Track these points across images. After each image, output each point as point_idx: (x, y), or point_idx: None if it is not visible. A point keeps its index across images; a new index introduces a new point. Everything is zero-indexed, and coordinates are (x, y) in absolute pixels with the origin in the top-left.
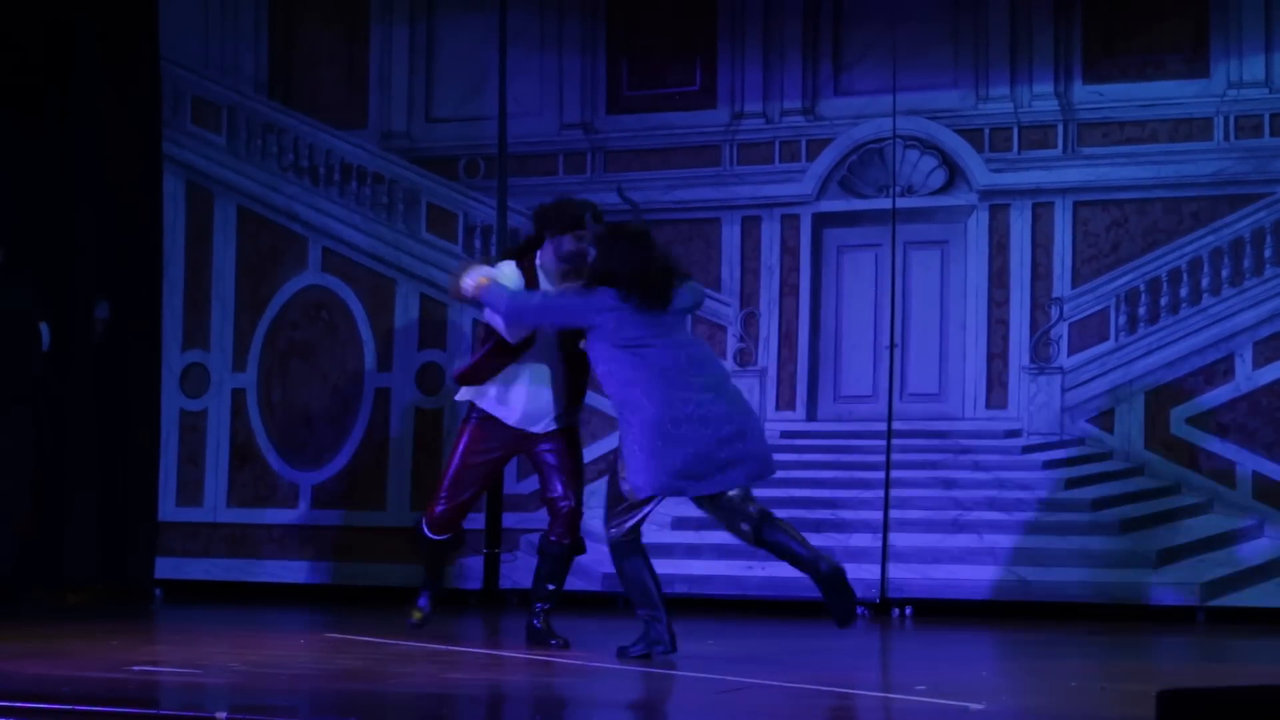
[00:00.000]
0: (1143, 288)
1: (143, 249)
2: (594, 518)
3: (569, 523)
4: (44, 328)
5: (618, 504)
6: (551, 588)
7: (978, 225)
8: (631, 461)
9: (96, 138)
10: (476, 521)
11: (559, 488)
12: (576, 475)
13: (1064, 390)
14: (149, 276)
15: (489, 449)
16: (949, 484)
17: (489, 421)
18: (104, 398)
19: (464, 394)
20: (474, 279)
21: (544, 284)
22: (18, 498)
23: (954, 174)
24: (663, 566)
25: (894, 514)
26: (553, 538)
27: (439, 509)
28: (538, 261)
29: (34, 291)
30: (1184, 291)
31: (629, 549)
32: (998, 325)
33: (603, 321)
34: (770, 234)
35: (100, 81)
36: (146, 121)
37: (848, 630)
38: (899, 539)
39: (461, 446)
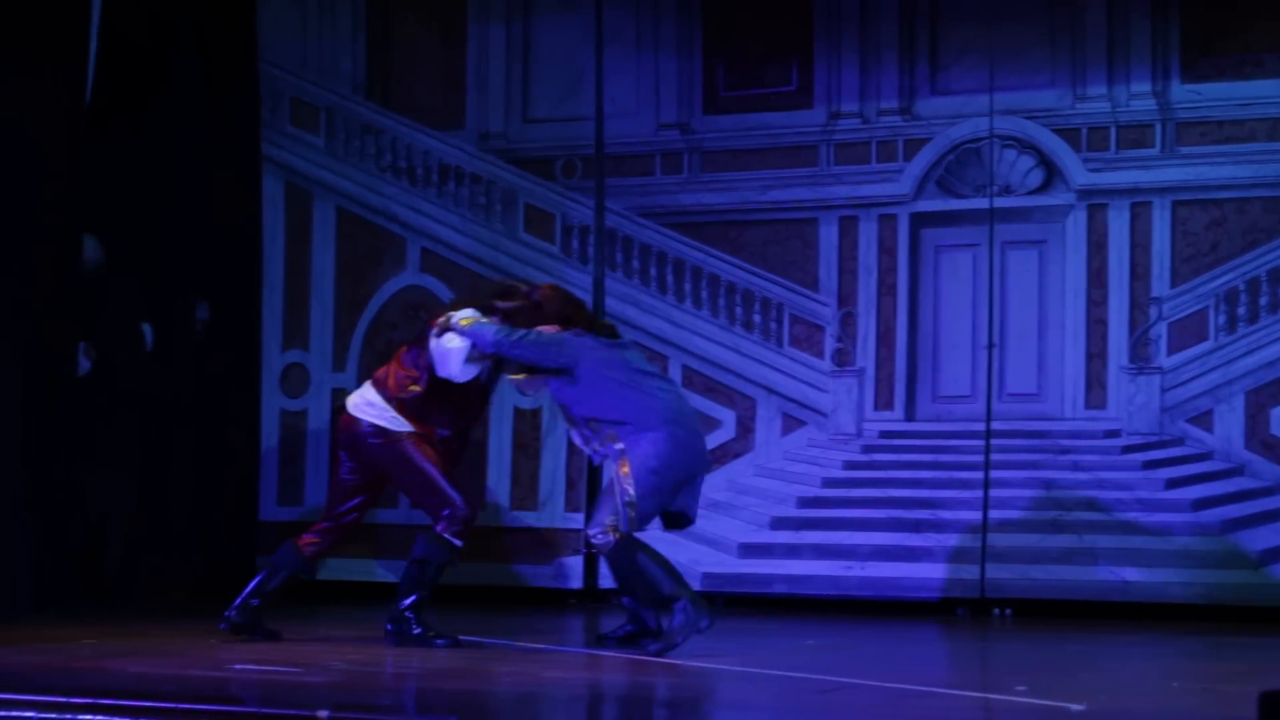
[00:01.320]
0: (1242, 287)
1: (243, 250)
2: None
3: None
4: (146, 329)
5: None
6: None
7: (1075, 225)
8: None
9: (197, 140)
10: (576, 521)
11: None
12: None
13: (1163, 390)
14: (249, 277)
15: None
16: (1048, 484)
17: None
18: (204, 398)
19: (383, 419)
20: (457, 318)
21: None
22: (123, 498)
23: (1051, 173)
24: (762, 566)
25: (993, 514)
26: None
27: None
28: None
29: (136, 292)
30: None
31: (638, 541)
32: (1096, 325)
33: (591, 352)
34: (868, 234)
35: (201, 84)
36: (246, 123)
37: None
38: (998, 539)
39: (425, 457)
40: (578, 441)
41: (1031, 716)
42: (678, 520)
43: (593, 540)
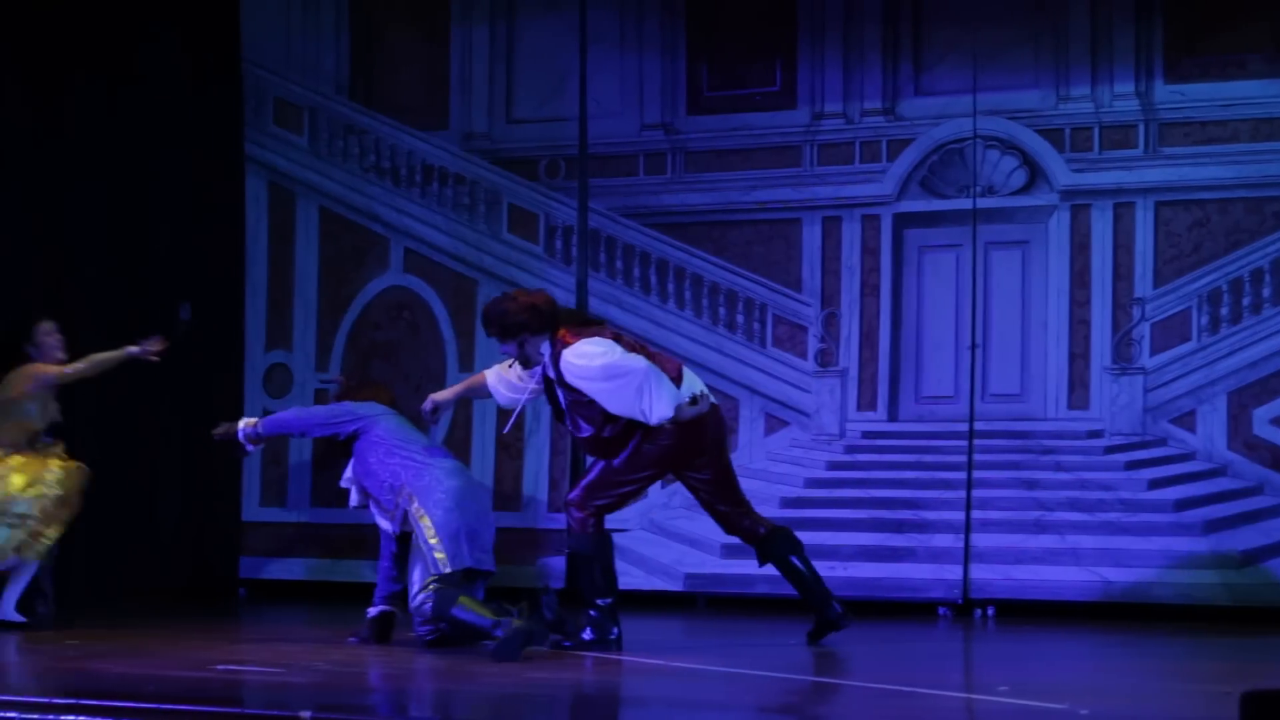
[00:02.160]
0: (1225, 288)
1: (225, 250)
2: (674, 516)
3: None
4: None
5: None
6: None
7: (1059, 225)
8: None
9: (179, 139)
10: (558, 521)
11: None
12: None
13: (1146, 390)
14: (232, 277)
15: None
16: (1031, 484)
17: None
18: (187, 398)
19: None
20: None
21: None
22: (107, 498)
23: (1035, 174)
24: (744, 566)
25: (976, 514)
26: None
27: None
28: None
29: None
30: (1267, 291)
31: (451, 593)
32: (1079, 325)
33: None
34: (851, 234)
35: (183, 83)
36: (229, 123)
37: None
38: (981, 539)
39: None
40: (376, 517)
41: (1014, 717)
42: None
43: (420, 608)
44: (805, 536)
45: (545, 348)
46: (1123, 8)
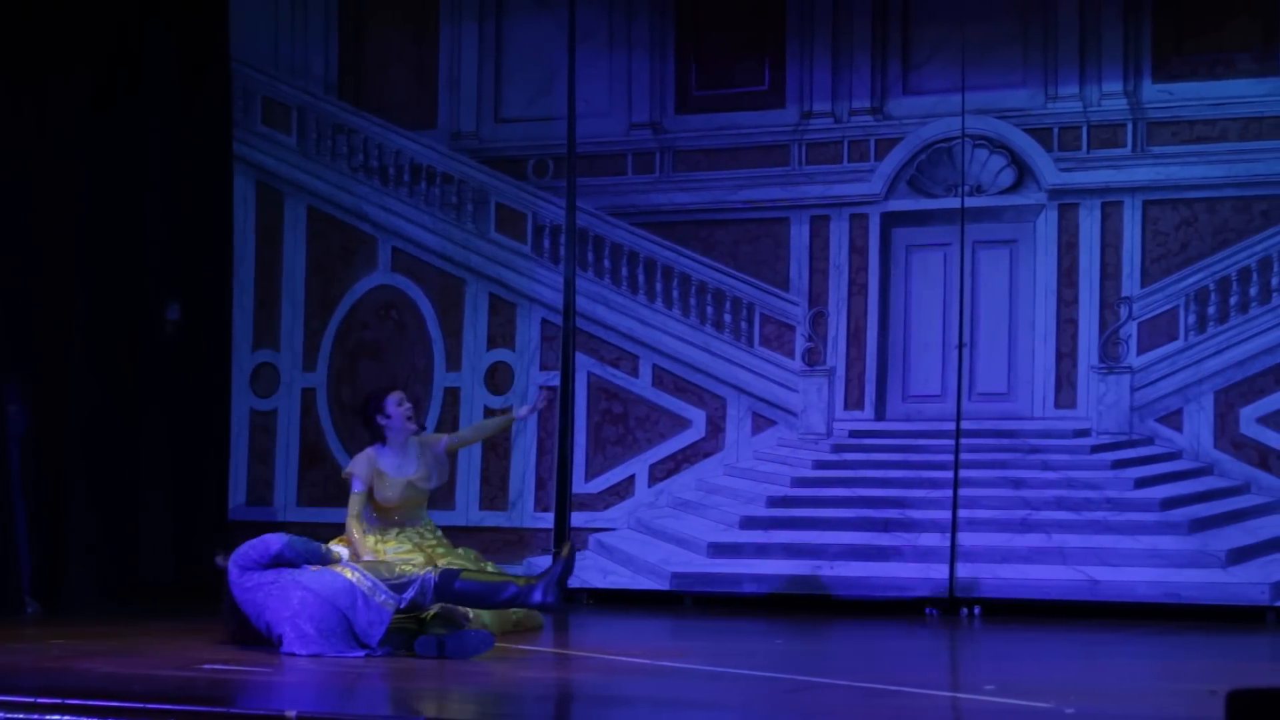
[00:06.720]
0: (1212, 287)
1: (213, 249)
2: (661, 515)
3: None
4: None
5: None
6: None
7: (1047, 224)
8: None
9: (168, 139)
10: (546, 520)
11: None
12: None
13: (1133, 389)
14: (219, 277)
15: None
16: (1018, 483)
17: None
18: (175, 397)
19: None
20: None
21: None
22: (94, 498)
23: (1023, 173)
24: (731, 566)
25: (963, 513)
26: None
27: None
28: None
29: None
30: (1254, 290)
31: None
32: (1067, 324)
33: None
34: (839, 233)
35: (171, 83)
36: (217, 122)
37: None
38: (967, 538)
39: None
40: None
41: (1000, 715)
42: None
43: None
44: (791, 535)
45: None
46: (1111, 7)
